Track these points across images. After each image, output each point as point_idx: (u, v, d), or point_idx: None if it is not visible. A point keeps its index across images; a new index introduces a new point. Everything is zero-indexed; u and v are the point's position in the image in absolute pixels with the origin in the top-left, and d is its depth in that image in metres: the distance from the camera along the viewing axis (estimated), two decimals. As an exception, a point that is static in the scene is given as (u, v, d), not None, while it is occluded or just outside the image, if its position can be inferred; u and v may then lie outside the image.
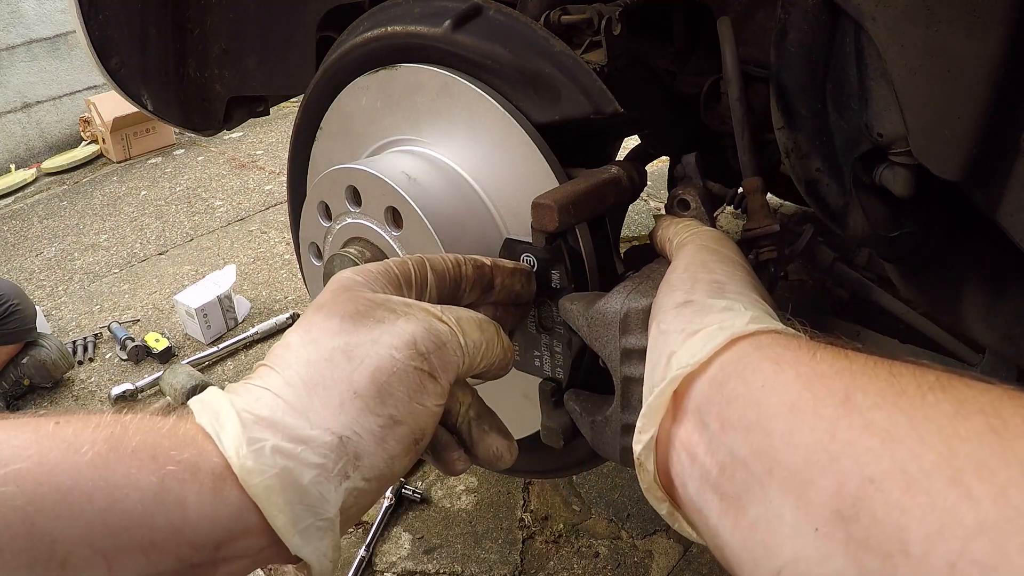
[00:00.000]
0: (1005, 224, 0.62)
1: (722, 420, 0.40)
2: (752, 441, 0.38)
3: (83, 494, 0.37)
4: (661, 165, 2.84)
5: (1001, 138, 0.59)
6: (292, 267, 3.06)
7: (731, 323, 0.45)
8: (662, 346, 0.48)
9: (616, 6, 0.85)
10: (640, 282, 0.62)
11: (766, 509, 0.36)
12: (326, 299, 0.51)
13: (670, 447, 0.44)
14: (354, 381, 0.45)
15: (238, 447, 0.40)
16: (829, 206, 0.76)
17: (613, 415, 0.60)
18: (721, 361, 0.43)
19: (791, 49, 0.70)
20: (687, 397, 0.44)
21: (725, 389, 0.41)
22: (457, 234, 0.77)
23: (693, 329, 0.46)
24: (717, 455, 0.40)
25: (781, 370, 0.39)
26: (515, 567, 1.59)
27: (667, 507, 0.46)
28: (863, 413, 0.34)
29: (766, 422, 0.37)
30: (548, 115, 0.77)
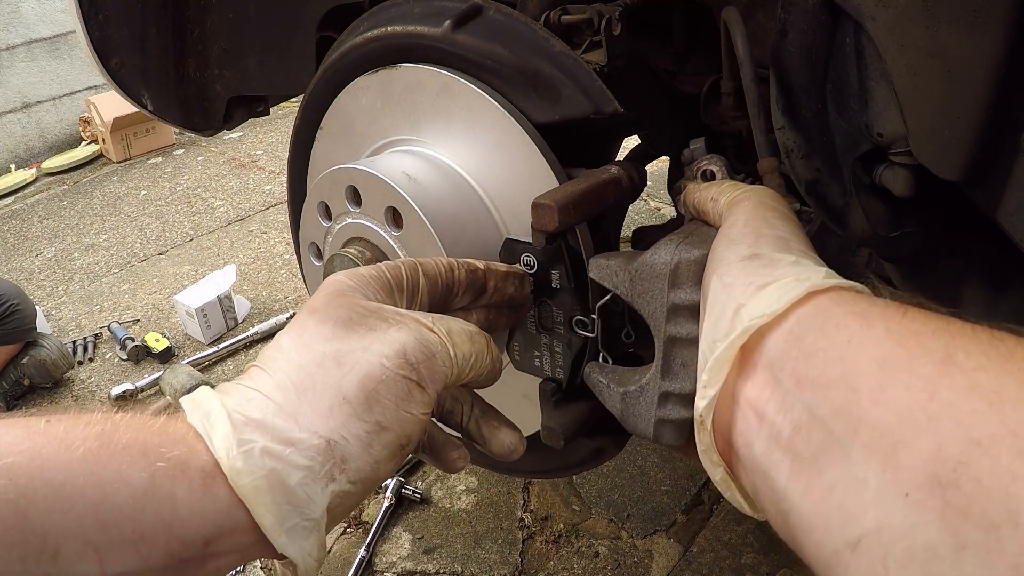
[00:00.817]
0: (1005, 224, 0.62)
1: (798, 376, 0.37)
2: (834, 398, 0.35)
3: (74, 488, 0.37)
4: (661, 165, 2.84)
5: (1001, 138, 0.59)
6: (292, 267, 3.06)
7: (807, 276, 0.42)
8: (726, 299, 0.45)
9: (616, 6, 0.85)
10: (686, 236, 0.57)
11: (847, 472, 0.33)
12: (319, 303, 0.51)
13: (734, 405, 0.42)
14: (343, 387, 0.46)
15: (228, 447, 0.41)
16: (829, 206, 0.76)
17: (651, 382, 0.55)
18: (799, 314, 0.40)
19: (791, 49, 0.70)
20: (757, 351, 0.41)
21: (803, 343, 0.38)
22: (457, 234, 0.77)
23: (763, 282, 0.43)
24: (791, 413, 0.37)
25: (870, 325, 0.36)
26: (515, 567, 1.59)
27: (722, 472, 0.44)
28: (967, 373, 0.31)
29: (852, 378, 0.34)
30: (548, 115, 0.77)
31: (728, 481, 0.44)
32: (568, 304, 0.71)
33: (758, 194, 0.57)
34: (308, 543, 0.43)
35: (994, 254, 0.77)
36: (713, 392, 0.43)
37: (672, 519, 1.67)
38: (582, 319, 0.71)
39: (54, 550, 0.36)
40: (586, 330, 0.71)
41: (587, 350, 0.73)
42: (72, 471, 0.38)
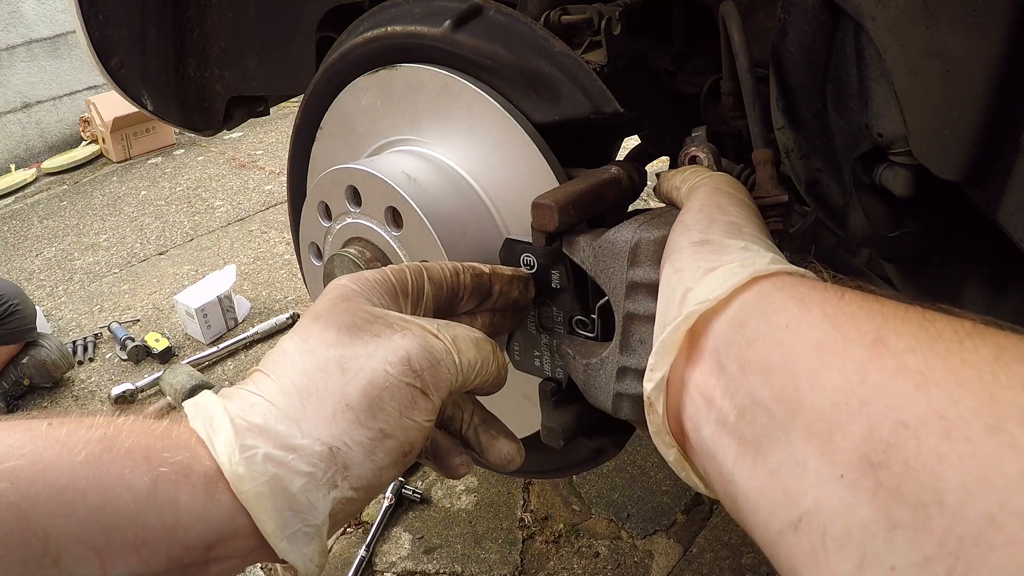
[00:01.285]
0: (1005, 224, 0.62)
1: (742, 362, 0.38)
2: (774, 383, 0.36)
3: (77, 492, 0.37)
4: (661, 165, 2.84)
5: (1001, 138, 0.59)
6: (292, 267, 3.06)
7: (751, 261, 0.43)
8: (676, 283, 0.46)
9: (616, 6, 0.85)
10: (651, 217, 0.59)
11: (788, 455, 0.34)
12: (323, 308, 0.51)
13: (683, 390, 0.43)
14: (347, 393, 0.45)
15: (230, 453, 0.41)
16: (829, 206, 0.76)
17: (610, 356, 0.57)
18: (742, 300, 0.41)
19: (791, 49, 0.70)
20: (703, 338, 0.42)
21: (746, 329, 0.39)
22: (457, 234, 0.77)
23: (711, 266, 0.44)
24: (736, 398, 0.38)
25: (807, 310, 0.37)
26: (515, 567, 1.59)
27: (675, 453, 0.45)
28: (896, 356, 0.32)
29: (790, 363, 0.35)
30: (548, 115, 0.77)
31: (682, 462, 0.45)
32: (568, 304, 0.71)
33: (715, 180, 0.58)
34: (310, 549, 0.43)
35: (994, 254, 0.77)
36: (660, 375, 0.43)
37: (672, 519, 1.67)
38: (582, 319, 0.71)
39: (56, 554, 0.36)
40: (586, 330, 0.71)
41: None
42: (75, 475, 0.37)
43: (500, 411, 0.94)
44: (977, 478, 0.26)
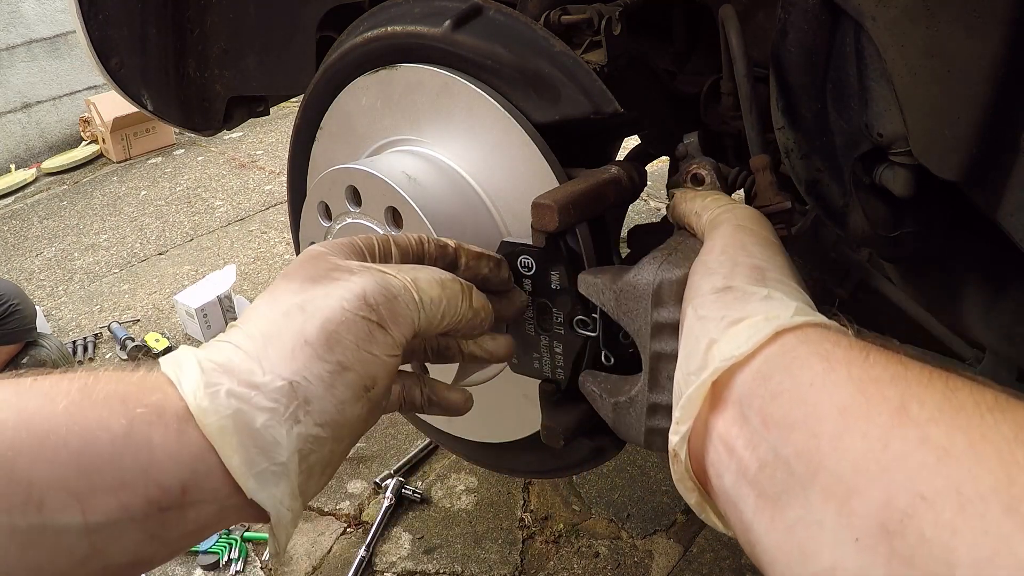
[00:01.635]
0: (1005, 224, 0.62)
1: (765, 415, 0.39)
2: (796, 441, 0.37)
3: (58, 439, 0.38)
4: (661, 165, 2.84)
5: (1001, 138, 0.59)
6: (292, 267, 3.06)
7: (776, 314, 0.44)
8: (700, 332, 0.47)
9: (616, 6, 0.85)
10: (670, 253, 0.59)
11: (806, 513, 0.35)
12: (291, 267, 0.54)
13: (706, 437, 0.44)
14: (305, 331, 0.47)
15: (195, 390, 0.43)
16: (829, 206, 0.76)
17: (639, 395, 0.57)
18: (766, 354, 0.42)
19: (791, 49, 0.70)
20: (728, 388, 0.43)
21: (770, 383, 0.40)
22: (457, 234, 0.77)
23: (735, 317, 0.45)
24: (757, 451, 0.39)
25: (832, 369, 0.38)
26: (515, 567, 1.59)
27: (696, 497, 0.46)
28: (919, 426, 0.32)
29: (813, 423, 0.36)
30: (548, 115, 0.77)
31: (703, 504, 0.46)
32: (569, 304, 0.71)
33: (737, 216, 0.58)
34: (278, 490, 0.44)
35: (994, 254, 0.77)
36: (686, 428, 0.44)
37: (672, 519, 1.67)
38: (583, 318, 0.71)
39: (39, 500, 0.37)
40: (588, 329, 0.71)
41: (588, 350, 0.73)
42: (56, 422, 0.39)
43: (501, 411, 0.94)
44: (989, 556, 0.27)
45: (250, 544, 1.68)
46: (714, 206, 0.61)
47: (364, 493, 1.80)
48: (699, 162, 0.71)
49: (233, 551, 1.64)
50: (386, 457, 1.90)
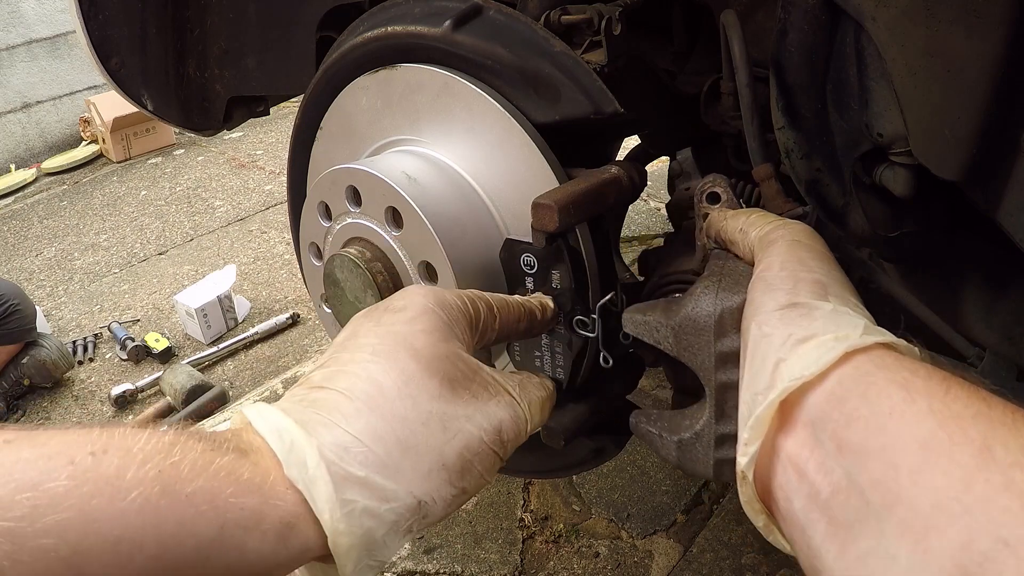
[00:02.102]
0: (1005, 224, 0.62)
1: (840, 440, 0.39)
2: (873, 469, 0.36)
3: (133, 544, 0.35)
4: (661, 165, 2.84)
5: (1001, 138, 0.59)
6: (292, 267, 3.06)
7: (845, 333, 0.43)
8: (765, 350, 0.46)
9: (616, 6, 0.85)
10: (719, 279, 0.58)
11: (878, 545, 0.34)
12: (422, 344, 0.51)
13: (774, 457, 0.43)
14: (445, 454, 0.48)
15: (332, 509, 0.41)
16: (829, 206, 0.76)
17: (706, 428, 0.56)
18: (840, 376, 0.41)
19: (791, 49, 0.70)
20: (797, 408, 0.42)
21: (845, 407, 0.39)
22: (457, 234, 0.77)
23: (802, 335, 0.44)
24: (830, 476, 0.39)
25: (912, 400, 0.37)
26: (515, 567, 1.59)
27: (764, 519, 0.45)
28: (1004, 470, 0.32)
29: (893, 454, 0.36)
30: (548, 115, 0.77)
31: (770, 526, 0.45)
32: (568, 304, 0.71)
33: (793, 232, 0.56)
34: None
35: (994, 254, 0.77)
36: (754, 449, 0.44)
37: (672, 519, 1.67)
38: (583, 319, 0.71)
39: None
40: (586, 330, 0.71)
41: (588, 350, 0.73)
42: (129, 525, 0.35)
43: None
44: None
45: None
46: (762, 222, 0.59)
47: (364, 493, 1.81)
48: (713, 179, 0.69)
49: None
50: (386, 457, 1.90)
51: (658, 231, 2.94)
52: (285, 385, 2.19)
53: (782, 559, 1.53)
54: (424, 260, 0.77)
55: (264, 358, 2.59)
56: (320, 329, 2.66)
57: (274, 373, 2.45)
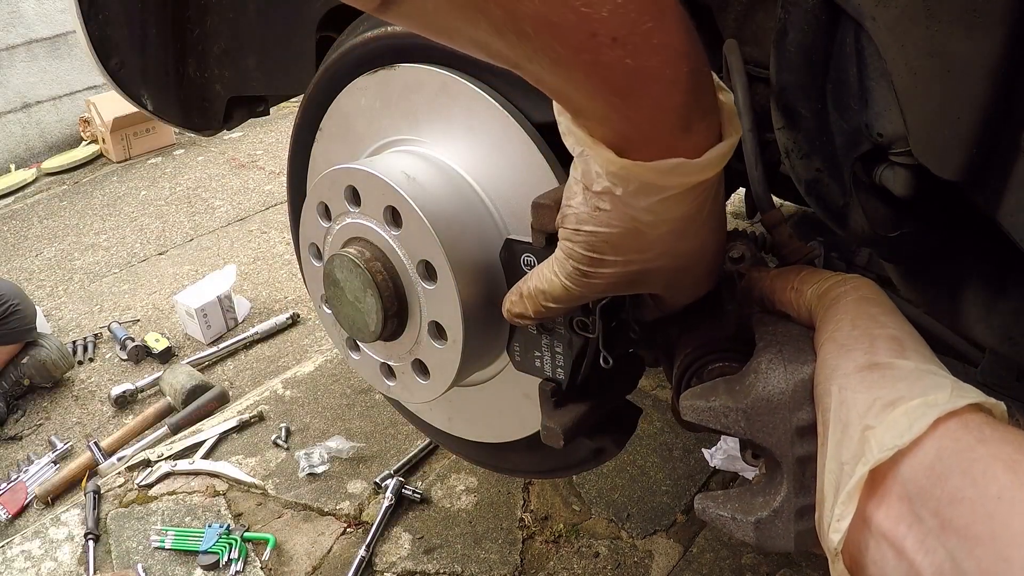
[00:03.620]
0: (1005, 224, 0.62)
1: (942, 519, 0.37)
2: (981, 556, 0.35)
3: None
4: (661, 165, 2.84)
5: (1001, 138, 0.59)
6: (292, 267, 3.06)
7: (933, 397, 0.41)
8: (848, 416, 0.44)
9: (616, 6, 0.85)
10: (781, 347, 0.55)
11: None
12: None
13: (864, 531, 0.41)
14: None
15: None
16: (829, 206, 0.76)
17: (785, 504, 0.54)
18: (936, 446, 0.40)
19: (791, 49, 0.70)
20: (890, 479, 0.41)
21: (947, 485, 0.38)
22: (457, 233, 0.77)
23: (888, 399, 0.42)
24: (933, 556, 0.37)
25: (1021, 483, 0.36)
26: (515, 567, 1.59)
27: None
28: None
29: (1003, 544, 0.34)
30: (548, 114, 0.77)
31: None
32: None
33: (858, 288, 0.54)
34: None
35: (994, 254, 0.77)
36: (847, 524, 0.42)
37: (672, 519, 1.67)
38: (583, 319, 0.71)
39: None
40: (586, 331, 0.70)
41: (588, 350, 0.73)
42: None
43: (501, 411, 0.94)
44: None
45: (250, 544, 1.68)
46: (817, 279, 0.56)
47: (364, 493, 1.80)
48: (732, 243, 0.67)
49: (233, 551, 1.64)
50: (386, 457, 1.90)
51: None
52: (285, 385, 2.19)
53: (782, 559, 1.53)
54: (423, 259, 0.77)
55: (264, 358, 2.59)
56: (320, 329, 2.66)
57: (274, 373, 2.45)
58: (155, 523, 1.76)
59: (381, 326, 0.80)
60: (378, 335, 0.81)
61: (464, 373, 0.82)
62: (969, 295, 0.82)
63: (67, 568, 1.68)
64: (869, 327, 0.49)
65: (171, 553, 1.67)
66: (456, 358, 0.78)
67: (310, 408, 2.09)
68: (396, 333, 0.83)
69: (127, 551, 1.69)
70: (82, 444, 2.29)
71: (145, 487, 1.88)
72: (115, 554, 1.68)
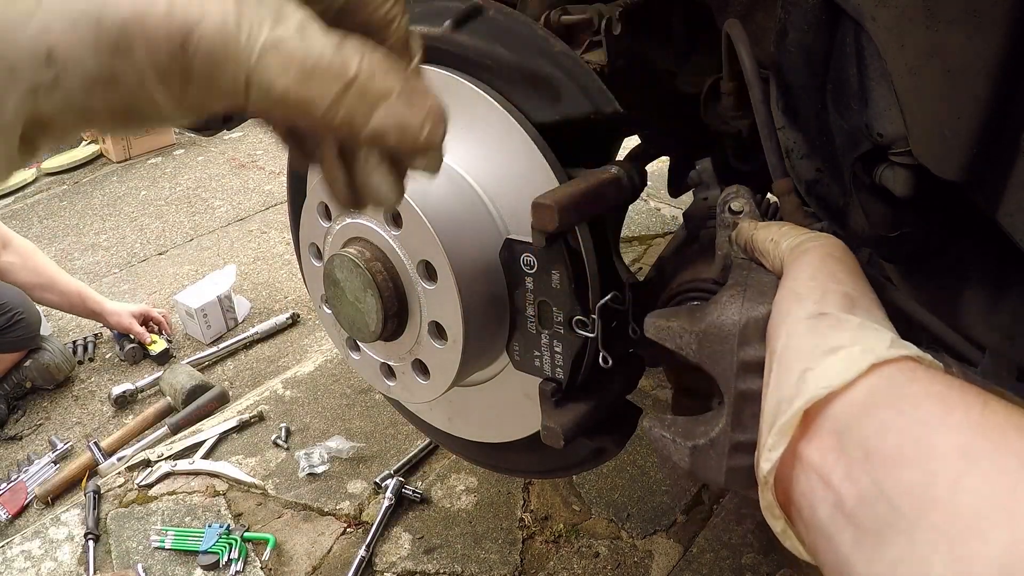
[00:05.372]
0: (1005, 224, 0.62)
1: (868, 449, 0.39)
2: (906, 477, 0.36)
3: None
4: (661, 165, 2.84)
5: (1001, 138, 0.59)
6: (292, 267, 3.06)
7: (872, 345, 0.43)
8: (792, 358, 0.46)
9: (616, 6, 0.85)
10: (746, 289, 0.58)
11: (910, 552, 0.34)
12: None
13: (794, 463, 0.43)
14: (107, 7, 0.32)
15: None
16: (829, 206, 0.76)
17: (721, 435, 0.57)
18: (869, 386, 0.42)
19: (791, 49, 0.70)
20: (821, 416, 0.43)
21: (875, 417, 0.40)
22: (457, 233, 0.77)
23: (830, 346, 0.44)
24: (857, 484, 0.39)
25: (949, 411, 0.38)
26: (515, 567, 1.59)
27: (782, 524, 0.46)
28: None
29: (928, 462, 0.36)
30: (548, 115, 0.77)
31: (787, 532, 0.46)
32: (568, 304, 0.71)
33: (825, 245, 0.56)
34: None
35: (994, 254, 0.77)
36: (777, 455, 0.44)
37: (672, 519, 1.67)
38: (582, 319, 0.71)
39: None
40: (586, 330, 0.71)
41: (587, 350, 0.73)
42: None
43: (500, 411, 0.94)
44: None
45: (250, 544, 1.68)
46: (795, 234, 0.59)
47: (364, 493, 1.80)
48: (735, 191, 0.69)
49: (233, 551, 1.64)
50: (386, 457, 1.90)
51: (658, 231, 2.94)
52: (285, 385, 2.19)
53: (782, 559, 1.53)
54: (424, 259, 0.77)
55: (264, 358, 2.59)
56: (320, 329, 2.66)
57: (274, 373, 2.45)
58: (155, 523, 1.76)
59: (381, 326, 0.80)
60: (378, 335, 0.81)
61: (464, 373, 0.82)
62: (969, 295, 0.82)
63: (67, 568, 1.68)
64: (825, 281, 0.51)
65: (171, 553, 1.67)
66: (456, 358, 0.78)
67: (310, 408, 2.09)
68: (396, 333, 0.83)
69: (127, 551, 1.69)
70: (82, 444, 2.29)
71: (145, 487, 1.88)
72: (115, 554, 1.69)
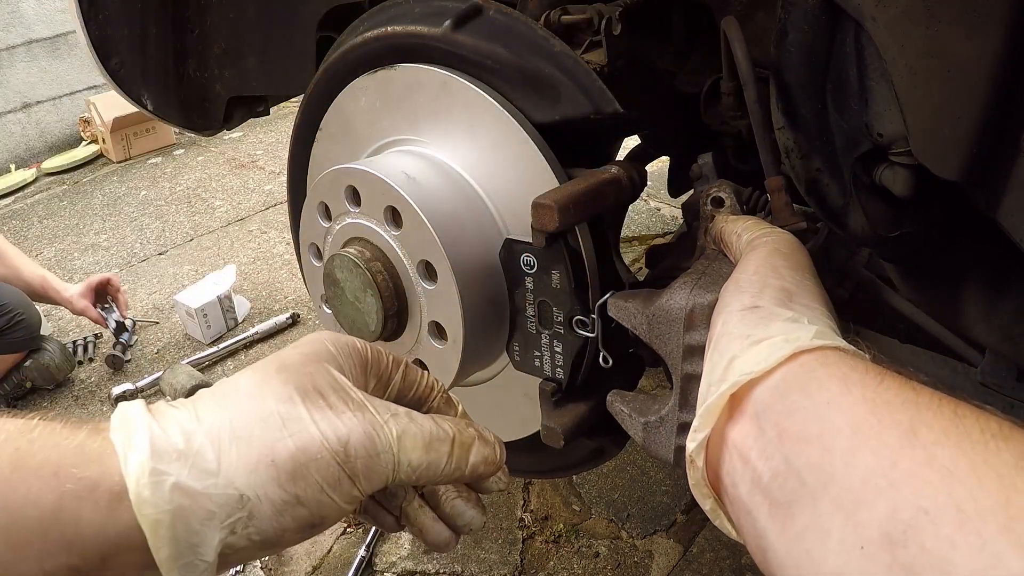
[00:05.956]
0: (1005, 224, 0.62)
1: (780, 429, 0.42)
2: (810, 454, 0.39)
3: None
4: (661, 165, 2.84)
5: (1001, 138, 0.59)
6: (292, 267, 3.06)
7: (796, 336, 0.46)
8: (724, 347, 0.49)
9: (616, 6, 0.85)
10: (699, 277, 0.61)
11: (814, 521, 0.37)
12: (293, 360, 0.50)
13: (722, 445, 0.46)
14: (276, 450, 0.45)
15: (140, 475, 0.41)
16: (829, 206, 0.76)
17: (670, 414, 0.59)
18: (784, 372, 0.44)
19: (791, 49, 0.70)
20: (745, 400, 0.45)
21: (787, 399, 0.43)
22: (457, 233, 0.77)
23: (758, 337, 0.47)
24: (771, 461, 0.41)
25: (847, 391, 0.40)
26: (515, 567, 1.59)
27: (711, 503, 0.48)
28: (926, 447, 0.35)
29: (827, 439, 0.39)
30: (548, 115, 0.77)
31: (716, 510, 0.49)
32: (568, 304, 0.71)
33: (775, 241, 0.59)
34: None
35: (994, 254, 0.77)
36: (703, 435, 0.47)
37: (672, 519, 1.67)
38: (582, 319, 0.71)
39: None
40: (586, 330, 0.71)
41: (587, 350, 0.73)
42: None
43: (500, 411, 0.94)
44: (984, 569, 0.29)
45: (250, 544, 1.69)
46: (755, 229, 0.62)
47: (364, 493, 1.81)
48: (719, 185, 0.72)
49: (233, 551, 1.64)
50: (386, 457, 1.90)
51: (658, 231, 2.94)
52: (285, 385, 2.19)
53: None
54: (423, 259, 0.77)
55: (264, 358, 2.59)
56: (320, 329, 2.66)
57: (274, 373, 2.45)
58: (155, 523, 1.75)
59: (381, 326, 0.80)
60: (378, 335, 0.81)
61: (464, 373, 0.82)
62: (969, 295, 0.82)
63: (67, 568, 1.68)
64: (766, 276, 0.54)
65: (171, 553, 1.66)
66: (456, 358, 0.78)
67: (310, 408, 2.09)
68: (396, 333, 0.83)
69: (127, 551, 1.68)
70: (82, 444, 2.29)
71: (145, 487, 1.88)
72: (115, 554, 1.68)
